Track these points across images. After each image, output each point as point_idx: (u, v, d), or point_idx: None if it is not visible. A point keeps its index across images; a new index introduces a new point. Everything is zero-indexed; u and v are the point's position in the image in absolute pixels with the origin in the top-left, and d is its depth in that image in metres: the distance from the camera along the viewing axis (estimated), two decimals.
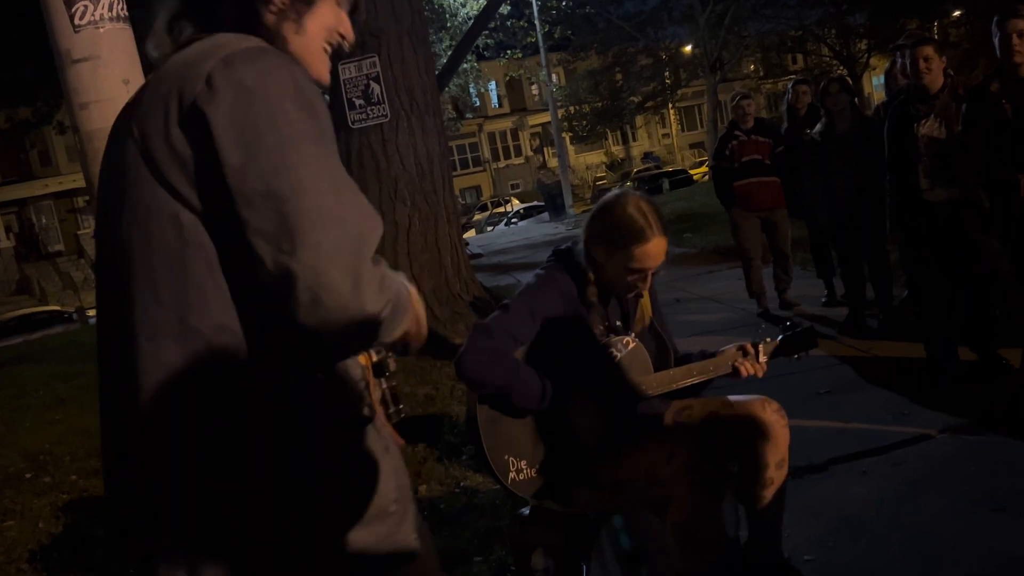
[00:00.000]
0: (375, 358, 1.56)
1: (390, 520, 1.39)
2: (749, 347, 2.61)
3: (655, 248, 2.38)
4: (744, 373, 2.59)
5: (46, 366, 11.89)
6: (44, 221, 38.06)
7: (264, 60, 1.24)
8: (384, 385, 1.60)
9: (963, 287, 4.55)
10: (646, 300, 2.61)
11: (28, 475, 5.76)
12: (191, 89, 1.21)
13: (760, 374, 2.61)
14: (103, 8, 2.67)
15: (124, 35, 2.78)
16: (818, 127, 5.93)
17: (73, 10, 2.65)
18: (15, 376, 11.56)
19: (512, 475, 2.39)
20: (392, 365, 1.62)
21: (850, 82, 6.18)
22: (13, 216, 37.89)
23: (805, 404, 4.44)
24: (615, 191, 2.52)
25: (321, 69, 1.44)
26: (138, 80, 2.80)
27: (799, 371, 4.43)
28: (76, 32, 2.67)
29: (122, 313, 1.27)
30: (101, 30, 2.69)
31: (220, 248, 1.23)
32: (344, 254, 1.15)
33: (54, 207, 37.87)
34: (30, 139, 32.62)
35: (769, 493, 2.50)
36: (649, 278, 2.46)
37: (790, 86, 6.88)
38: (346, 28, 1.46)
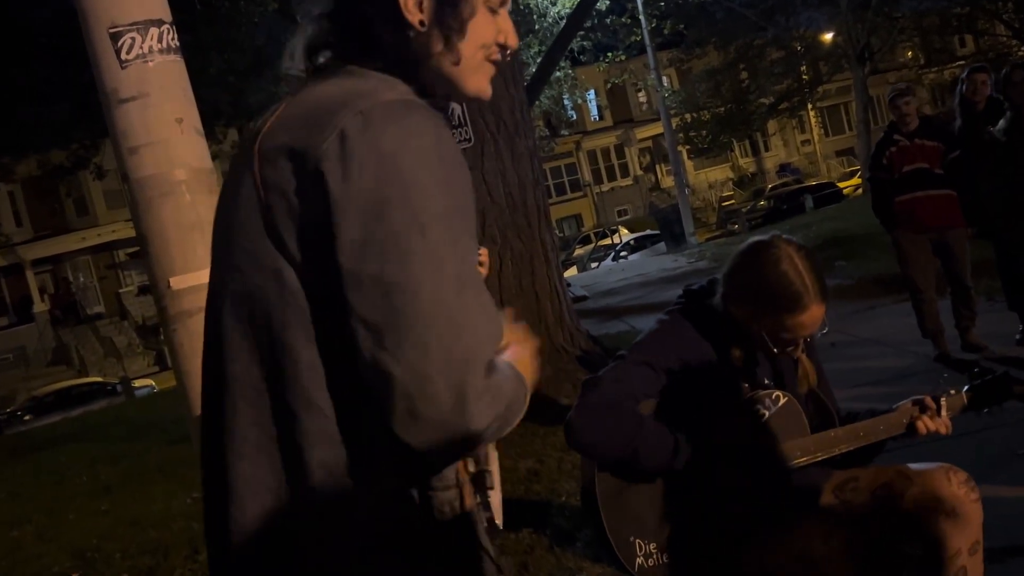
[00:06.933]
0: (473, 469, 1.50)
1: None
2: (928, 400, 2.53)
3: (811, 318, 2.34)
4: (923, 430, 2.51)
5: (88, 446, 12.43)
6: (82, 279, 39.88)
7: (407, 120, 1.26)
8: (478, 499, 1.54)
9: None
10: (806, 360, 2.56)
11: (75, 575, 6.00)
12: (321, 144, 1.25)
13: (944, 431, 2.54)
14: (152, 40, 2.82)
15: (176, 68, 2.90)
16: (1001, 123, 5.78)
17: (120, 44, 2.81)
18: (54, 459, 12.12)
19: (639, 560, 2.38)
20: (492, 479, 1.58)
21: None
22: (47, 275, 39.73)
23: (1001, 468, 4.28)
24: (763, 237, 2.46)
25: (481, 83, 1.45)
26: (192, 118, 2.95)
27: (991, 427, 4.28)
28: (123, 68, 2.81)
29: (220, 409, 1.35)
30: (150, 64, 2.81)
31: (318, 324, 1.27)
32: (454, 363, 1.17)
33: (92, 263, 39.65)
34: (65, 186, 34.33)
35: None
36: (801, 344, 2.44)
37: (964, 75, 6.72)
38: (508, 36, 1.46)
